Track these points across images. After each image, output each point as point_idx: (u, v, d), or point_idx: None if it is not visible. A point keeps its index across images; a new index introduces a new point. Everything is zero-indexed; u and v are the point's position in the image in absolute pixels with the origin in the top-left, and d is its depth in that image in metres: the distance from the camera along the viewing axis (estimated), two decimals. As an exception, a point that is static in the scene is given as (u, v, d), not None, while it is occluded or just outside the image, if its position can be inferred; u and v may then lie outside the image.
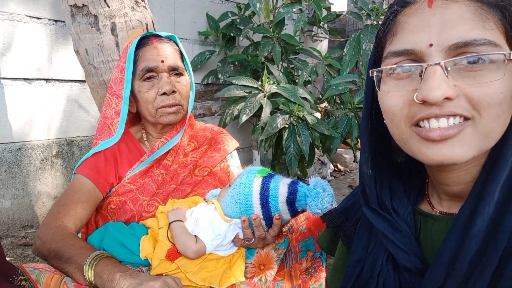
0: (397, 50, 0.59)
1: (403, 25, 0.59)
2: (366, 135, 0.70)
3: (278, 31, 2.58)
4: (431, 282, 0.60)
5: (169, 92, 1.20)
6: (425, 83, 0.55)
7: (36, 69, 2.06)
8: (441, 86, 0.54)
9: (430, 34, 0.56)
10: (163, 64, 1.20)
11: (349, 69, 2.60)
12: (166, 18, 2.64)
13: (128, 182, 1.22)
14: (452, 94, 0.54)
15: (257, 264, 1.18)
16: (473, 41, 0.54)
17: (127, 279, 0.89)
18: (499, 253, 0.56)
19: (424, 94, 0.55)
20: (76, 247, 1.00)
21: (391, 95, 0.60)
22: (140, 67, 1.20)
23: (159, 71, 1.20)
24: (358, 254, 0.75)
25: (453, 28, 0.55)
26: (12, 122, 2.01)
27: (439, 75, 0.54)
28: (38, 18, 2.04)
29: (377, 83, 0.63)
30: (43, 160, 2.18)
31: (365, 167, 0.71)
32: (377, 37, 0.66)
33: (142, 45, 1.22)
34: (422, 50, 0.56)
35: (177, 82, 1.23)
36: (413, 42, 0.57)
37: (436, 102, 0.55)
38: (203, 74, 2.89)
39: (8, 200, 2.06)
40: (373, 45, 0.68)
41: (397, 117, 0.60)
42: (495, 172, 0.58)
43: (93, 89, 1.54)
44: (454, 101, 0.55)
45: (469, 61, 0.54)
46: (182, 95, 1.24)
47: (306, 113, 2.01)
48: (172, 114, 1.22)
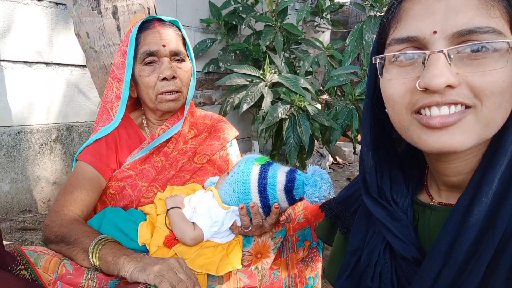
0: (401, 37, 0.59)
1: (408, 12, 0.59)
2: (368, 123, 0.70)
3: (281, 20, 2.56)
4: (427, 271, 0.61)
5: (170, 77, 1.19)
6: (428, 70, 0.55)
7: (37, 53, 2.05)
8: (443, 74, 0.54)
9: (434, 21, 0.55)
10: (165, 48, 1.19)
11: (350, 60, 2.58)
12: (168, 4, 2.61)
13: (127, 168, 1.22)
14: (454, 82, 0.54)
15: (254, 252, 1.18)
16: (477, 29, 0.53)
17: (131, 263, 0.90)
18: (495, 242, 0.56)
19: (426, 81, 0.55)
20: (82, 231, 1.01)
21: (393, 83, 0.60)
22: (141, 51, 1.19)
23: (160, 56, 1.19)
24: (355, 243, 0.76)
25: (458, 15, 0.54)
26: (11, 106, 2.01)
27: (442, 62, 0.54)
28: (39, 0, 2.02)
29: (379, 70, 0.62)
30: (42, 145, 2.17)
31: (366, 155, 0.71)
32: (381, 24, 0.65)
33: (144, 29, 1.20)
34: (426, 37, 0.56)
35: (178, 68, 1.22)
36: (417, 29, 0.57)
37: (438, 90, 0.54)
38: (204, 62, 2.88)
39: (7, 184, 2.06)
40: (377, 32, 0.67)
41: (399, 105, 0.60)
42: (494, 162, 0.58)
43: (94, 73, 1.54)
44: (456, 89, 0.55)
45: (473, 49, 0.54)
46: (182, 81, 1.23)
47: (307, 103, 2.00)
48: (171, 102, 1.22)
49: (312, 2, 3.06)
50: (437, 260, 0.60)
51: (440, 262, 0.59)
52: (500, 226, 0.56)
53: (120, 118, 1.22)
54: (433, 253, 0.61)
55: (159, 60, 1.20)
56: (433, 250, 0.61)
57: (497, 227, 0.56)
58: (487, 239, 0.57)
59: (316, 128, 2.07)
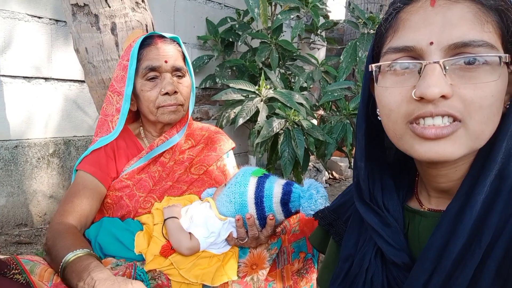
0: (398, 46, 0.60)
1: (405, 22, 0.61)
2: (362, 129, 0.72)
3: (276, 37, 2.61)
4: (417, 277, 0.62)
5: (171, 92, 1.22)
6: (424, 80, 0.56)
7: (36, 68, 2.08)
8: (438, 84, 0.55)
9: (431, 32, 0.57)
10: (166, 64, 1.22)
11: (345, 76, 2.63)
12: (166, 22, 2.67)
13: (125, 177, 1.23)
14: (448, 92, 0.56)
15: (249, 263, 1.19)
16: (471, 42, 0.56)
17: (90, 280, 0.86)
18: (483, 249, 0.57)
19: (422, 91, 0.56)
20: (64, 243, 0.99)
21: (389, 91, 0.62)
22: (143, 66, 1.22)
23: (162, 71, 1.22)
24: (347, 250, 0.77)
25: (454, 28, 0.56)
26: (10, 120, 2.02)
27: (437, 73, 0.56)
28: (39, 18, 2.07)
29: (375, 77, 0.64)
30: (40, 159, 2.18)
31: (360, 161, 0.72)
32: (377, 32, 0.67)
33: (146, 45, 1.23)
34: (423, 47, 0.58)
35: (179, 83, 1.25)
36: (414, 40, 0.59)
37: (433, 99, 0.56)
38: (201, 78, 2.92)
39: (3, 198, 2.06)
40: (373, 40, 0.69)
41: (395, 113, 0.61)
42: (485, 172, 0.60)
43: (92, 87, 1.56)
44: (448, 101, 0.56)
45: (466, 62, 0.56)
46: (183, 95, 1.26)
47: (302, 118, 2.03)
48: (172, 113, 1.24)
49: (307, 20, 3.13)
50: (426, 265, 0.61)
51: (429, 267, 0.61)
52: (487, 233, 0.58)
53: (120, 131, 1.24)
54: (422, 258, 0.62)
55: (160, 76, 1.23)
56: (422, 255, 0.62)
57: (485, 234, 0.58)
58: (474, 246, 0.58)
59: (311, 142, 2.10)
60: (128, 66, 1.22)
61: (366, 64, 0.70)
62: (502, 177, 0.61)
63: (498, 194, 0.60)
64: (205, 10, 2.94)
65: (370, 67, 0.65)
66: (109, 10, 1.43)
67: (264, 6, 2.34)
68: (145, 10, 1.54)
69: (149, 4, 1.60)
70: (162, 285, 1.05)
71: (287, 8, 2.67)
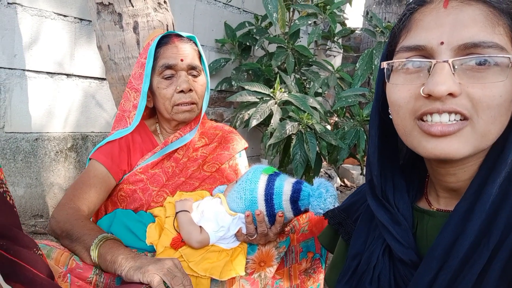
0: (410, 45, 0.62)
1: (418, 23, 0.63)
2: (375, 127, 0.73)
3: (293, 42, 2.64)
4: (423, 275, 0.63)
5: (187, 90, 1.25)
6: (432, 78, 0.58)
7: (59, 64, 2.15)
8: (446, 82, 0.57)
9: (442, 32, 0.59)
10: (182, 62, 1.25)
11: (360, 83, 2.64)
12: (186, 24, 2.73)
13: (140, 171, 1.27)
14: (456, 91, 0.57)
15: (257, 260, 1.21)
16: (481, 43, 0.57)
17: (128, 261, 0.92)
18: (490, 250, 0.58)
19: (430, 88, 0.58)
20: (86, 228, 1.05)
21: (399, 88, 0.63)
22: (160, 63, 1.25)
23: (178, 69, 1.26)
24: (356, 248, 0.78)
25: (465, 28, 0.58)
26: (32, 113, 2.09)
27: (446, 71, 0.57)
28: (65, 16, 2.14)
29: (387, 75, 0.66)
30: (58, 152, 2.25)
31: (373, 157, 0.73)
32: (392, 32, 0.69)
33: (164, 43, 1.27)
34: (433, 47, 0.60)
35: (194, 82, 1.28)
36: (425, 39, 0.61)
37: (440, 96, 0.57)
38: (218, 81, 2.96)
39: (22, 188, 2.13)
40: (387, 40, 0.71)
41: (403, 110, 0.63)
42: (495, 174, 0.61)
43: (112, 84, 1.61)
44: (456, 99, 0.58)
45: (476, 62, 0.57)
46: (198, 94, 1.29)
47: (315, 121, 2.05)
48: (187, 112, 1.28)
49: (325, 27, 3.15)
50: (433, 263, 0.62)
51: (436, 266, 0.62)
52: (495, 234, 0.59)
53: (135, 125, 1.28)
54: (429, 257, 0.63)
55: (176, 74, 1.26)
56: (429, 254, 0.63)
57: (493, 235, 0.59)
58: (482, 246, 0.59)
59: (323, 146, 2.11)
60: (146, 64, 1.25)
61: (380, 61, 0.72)
62: (511, 180, 0.61)
63: (507, 196, 0.61)
64: (224, 14, 3.00)
65: (382, 64, 0.67)
66: (132, 9, 1.48)
67: (282, 11, 2.38)
68: (167, 11, 1.59)
69: (171, 7, 1.65)
70: (172, 275, 1.08)
71: (305, 14, 2.70)
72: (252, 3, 3.19)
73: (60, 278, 0.93)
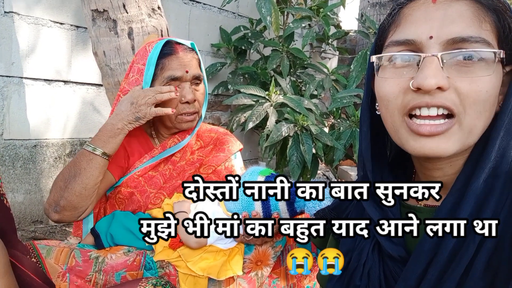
0: (399, 39, 0.63)
1: (407, 17, 0.64)
2: (367, 123, 0.74)
3: (287, 45, 2.67)
4: (412, 270, 0.64)
5: (192, 101, 1.27)
6: (422, 72, 0.59)
7: (56, 71, 2.17)
8: (436, 75, 0.58)
9: (431, 27, 0.60)
10: (188, 74, 1.26)
11: (355, 84, 2.66)
12: (181, 29, 2.75)
13: (138, 174, 1.29)
14: (445, 84, 0.58)
15: (254, 260, 1.23)
16: (469, 38, 0.58)
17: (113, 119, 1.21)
18: (476, 243, 0.60)
19: (419, 81, 0.59)
20: (74, 164, 1.17)
21: (388, 82, 0.64)
22: (165, 75, 1.25)
23: (183, 80, 1.27)
24: (346, 245, 0.78)
25: (453, 23, 0.59)
26: (30, 120, 2.11)
27: (435, 65, 0.59)
28: (61, 24, 2.17)
29: (376, 69, 0.67)
30: (57, 158, 2.27)
31: (366, 153, 0.74)
32: (380, 27, 0.70)
33: (167, 54, 1.26)
34: (423, 41, 0.61)
35: (196, 91, 1.30)
36: (414, 33, 0.62)
37: (429, 90, 0.58)
38: (214, 85, 2.99)
39: (21, 195, 2.14)
40: (376, 35, 0.71)
41: (392, 104, 0.64)
42: (479, 170, 0.62)
43: (108, 89, 1.64)
44: (445, 93, 0.59)
45: (464, 57, 0.59)
46: (200, 102, 1.32)
47: (310, 123, 2.07)
48: (190, 122, 1.30)
49: (319, 29, 3.18)
50: (421, 259, 0.63)
51: (424, 260, 0.63)
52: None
53: None
54: (418, 252, 0.64)
55: (180, 84, 1.28)
56: (417, 249, 0.64)
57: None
58: (468, 240, 0.60)
59: (319, 147, 2.14)
60: (145, 71, 1.25)
61: (369, 58, 0.72)
62: (495, 175, 0.63)
63: (491, 191, 0.62)
64: (219, 18, 3.03)
65: (371, 58, 0.68)
66: (127, 15, 1.51)
67: (276, 14, 2.41)
68: (161, 17, 1.62)
69: (166, 13, 1.68)
70: (170, 274, 1.10)
71: (299, 17, 2.73)
72: (246, 8, 3.23)
73: (59, 278, 0.95)
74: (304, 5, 2.90)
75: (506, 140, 0.63)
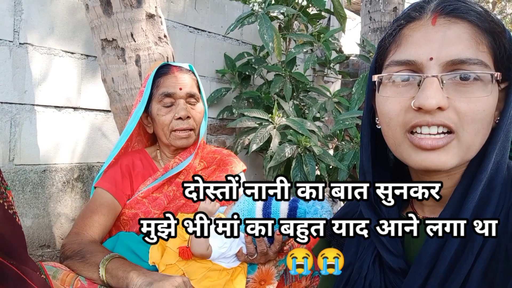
0: (400, 59, 0.66)
1: (408, 38, 0.66)
2: (367, 137, 0.76)
3: (290, 70, 2.74)
4: (412, 281, 0.65)
5: (184, 117, 1.33)
6: (423, 92, 0.61)
7: (66, 98, 2.25)
8: (436, 96, 0.60)
9: (431, 48, 0.62)
10: (181, 91, 1.34)
11: (357, 107, 2.71)
12: (187, 56, 2.85)
13: (141, 196, 1.32)
14: (444, 104, 0.61)
15: (258, 279, 1.23)
16: (467, 60, 0.61)
17: (140, 277, 0.97)
18: (474, 254, 0.62)
19: (421, 102, 0.61)
20: (98, 249, 1.11)
21: (390, 101, 0.66)
22: (160, 92, 1.34)
23: (177, 97, 1.34)
24: (348, 258, 0.79)
25: (452, 45, 0.62)
26: (40, 146, 2.18)
27: (435, 86, 0.61)
28: (72, 53, 2.26)
29: (377, 87, 0.69)
30: (65, 183, 2.31)
31: (367, 166, 0.76)
32: (380, 46, 0.72)
33: (163, 74, 1.36)
34: (423, 62, 0.63)
35: (192, 109, 1.36)
36: (415, 54, 0.64)
37: (431, 110, 0.61)
38: (219, 110, 3.05)
39: (30, 219, 2.18)
40: (376, 53, 0.74)
41: (394, 122, 0.66)
42: (476, 182, 0.65)
43: (116, 114, 1.70)
44: (444, 112, 0.61)
45: (462, 77, 0.61)
46: (196, 120, 1.37)
47: (313, 144, 2.11)
48: (184, 139, 1.35)
49: (322, 55, 3.26)
50: (420, 270, 0.65)
51: (424, 272, 0.64)
52: (479, 239, 0.62)
53: (125, 141, 1.36)
54: (417, 264, 0.66)
55: (175, 102, 1.34)
56: (417, 261, 0.66)
57: (476, 240, 0.62)
58: (467, 252, 0.62)
59: (322, 168, 2.16)
60: (144, 92, 1.34)
61: (369, 75, 0.76)
62: (491, 187, 0.65)
63: (487, 203, 0.64)
64: (223, 46, 3.12)
65: (373, 77, 0.71)
66: (135, 44, 1.59)
67: (278, 40, 2.49)
68: (167, 44, 1.69)
69: (172, 41, 1.76)
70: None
71: (301, 42, 2.81)
72: (250, 35, 3.33)
73: (65, 298, 0.97)
74: (305, 31, 2.99)
75: (501, 154, 0.66)
